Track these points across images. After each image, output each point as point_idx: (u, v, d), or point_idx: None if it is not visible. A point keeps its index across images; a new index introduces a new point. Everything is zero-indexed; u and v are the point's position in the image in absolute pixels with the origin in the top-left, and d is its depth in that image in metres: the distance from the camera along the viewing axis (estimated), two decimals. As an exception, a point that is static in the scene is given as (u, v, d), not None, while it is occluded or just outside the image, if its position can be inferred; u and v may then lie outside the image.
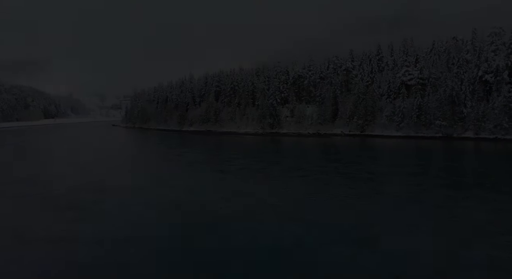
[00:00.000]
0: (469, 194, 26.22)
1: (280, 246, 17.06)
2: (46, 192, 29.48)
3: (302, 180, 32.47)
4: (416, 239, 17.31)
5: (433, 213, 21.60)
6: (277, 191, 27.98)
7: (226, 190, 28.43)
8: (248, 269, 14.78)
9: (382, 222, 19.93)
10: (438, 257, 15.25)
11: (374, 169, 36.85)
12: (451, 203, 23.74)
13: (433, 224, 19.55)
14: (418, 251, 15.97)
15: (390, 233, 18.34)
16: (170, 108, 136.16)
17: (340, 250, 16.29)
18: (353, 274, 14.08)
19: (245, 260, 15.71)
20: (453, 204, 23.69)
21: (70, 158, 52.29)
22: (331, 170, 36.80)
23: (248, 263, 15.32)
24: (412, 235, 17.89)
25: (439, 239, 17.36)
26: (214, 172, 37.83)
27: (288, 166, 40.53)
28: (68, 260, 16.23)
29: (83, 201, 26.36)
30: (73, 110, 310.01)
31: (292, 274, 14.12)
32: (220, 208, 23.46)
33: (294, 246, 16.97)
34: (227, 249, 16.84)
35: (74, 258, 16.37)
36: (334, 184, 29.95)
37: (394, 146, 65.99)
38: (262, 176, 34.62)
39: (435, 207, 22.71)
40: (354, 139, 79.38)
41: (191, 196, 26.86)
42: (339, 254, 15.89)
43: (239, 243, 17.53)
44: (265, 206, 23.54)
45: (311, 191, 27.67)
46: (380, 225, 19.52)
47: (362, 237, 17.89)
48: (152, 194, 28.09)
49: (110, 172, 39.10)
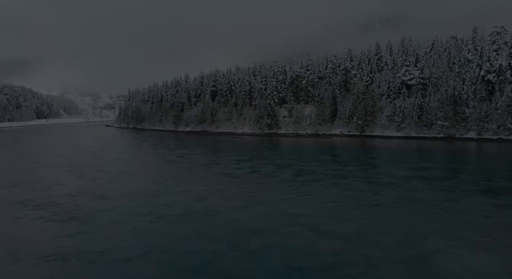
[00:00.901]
0: (511, 200, 23.95)
1: (319, 267, 14.50)
2: (43, 200, 26.62)
3: (321, 185, 29.86)
4: (477, 257, 14.88)
5: (484, 224, 19.16)
6: (298, 198, 25.36)
7: (241, 197, 25.73)
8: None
9: (431, 236, 17.41)
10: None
11: (394, 173, 34.09)
12: (497, 212, 21.31)
13: (490, 239, 17.07)
14: (484, 272, 13.51)
15: (445, 250, 15.85)
16: (165, 109, 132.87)
17: (394, 272, 13.77)
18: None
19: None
20: (500, 212, 21.28)
21: (66, 161, 49.15)
22: (347, 174, 34.25)
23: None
24: (471, 251, 15.47)
25: (503, 257, 14.93)
26: (222, 175, 35.08)
27: (299, 169, 37.90)
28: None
29: (84, 210, 23.60)
30: (66, 111, 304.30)
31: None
32: (240, 219, 20.82)
33: (335, 267, 14.42)
34: (259, 271, 14.23)
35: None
36: (358, 190, 27.32)
37: (398, 146, 63.85)
38: (276, 181, 31.94)
39: (483, 217, 20.28)
40: (354, 140, 77.12)
41: (205, 204, 24.17)
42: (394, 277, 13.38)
43: (272, 263, 14.99)
44: (291, 218, 20.89)
45: (336, 198, 25.01)
46: (431, 239, 17.02)
47: (414, 255, 15.39)
48: (161, 202, 25.35)
49: (111, 176, 36.21)
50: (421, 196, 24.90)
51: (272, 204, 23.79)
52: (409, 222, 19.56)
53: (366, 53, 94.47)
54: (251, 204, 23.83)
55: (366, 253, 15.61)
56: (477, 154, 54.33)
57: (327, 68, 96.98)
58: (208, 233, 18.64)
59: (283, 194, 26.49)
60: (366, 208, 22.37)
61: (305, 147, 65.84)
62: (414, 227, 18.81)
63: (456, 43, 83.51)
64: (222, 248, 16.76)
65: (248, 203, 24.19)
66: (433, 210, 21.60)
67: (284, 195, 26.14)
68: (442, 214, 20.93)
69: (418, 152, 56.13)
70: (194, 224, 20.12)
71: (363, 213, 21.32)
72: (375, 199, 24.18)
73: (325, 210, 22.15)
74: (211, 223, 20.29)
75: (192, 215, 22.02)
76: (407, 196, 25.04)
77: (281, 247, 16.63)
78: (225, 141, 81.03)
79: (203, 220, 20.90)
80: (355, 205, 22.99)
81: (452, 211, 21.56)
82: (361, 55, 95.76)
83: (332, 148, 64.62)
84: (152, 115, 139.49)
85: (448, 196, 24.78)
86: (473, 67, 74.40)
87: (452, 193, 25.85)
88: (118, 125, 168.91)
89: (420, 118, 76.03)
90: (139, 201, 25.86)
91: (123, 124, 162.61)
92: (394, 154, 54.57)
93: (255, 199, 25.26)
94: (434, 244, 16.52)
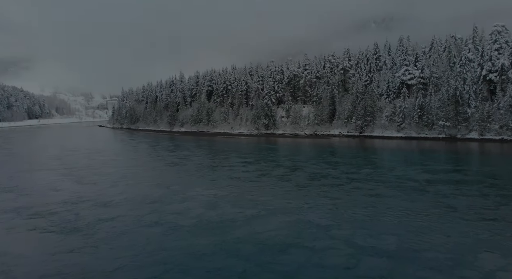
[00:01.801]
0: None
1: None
2: (39, 207, 23.94)
3: (341, 190, 27.48)
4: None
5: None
6: (321, 205, 22.94)
7: (257, 205, 23.30)
8: None
9: (484, 250, 15.23)
10: None
11: (413, 176, 31.65)
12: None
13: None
14: None
15: (507, 267, 13.63)
16: (159, 109, 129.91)
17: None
18: None
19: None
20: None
21: (61, 163, 46.27)
22: (365, 177, 31.91)
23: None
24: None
25: None
26: (231, 179, 32.59)
27: (311, 172, 35.48)
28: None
29: (85, 220, 21.03)
30: (58, 111, 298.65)
31: None
32: (262, 231, 18.41)
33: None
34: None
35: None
36: (384, 196, 24.94)
37: (402, 147, 61.92)
38: (290, 186, 29.51)
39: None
40: (354, 140, 75.10)
41: (219, 213, 21.70)
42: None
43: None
44: (319, 229, 18.55)
45: (363, 205, 22.58)
46: (485, 255, 14.85)
47: (475, 276, 13.12)
48: (170, 210, 22.85)
49: (111, 180, 33.49)
50: (454, 202, 22.68)
51: (293, 212, 21.41)
52: (453, 233, 17.31)
53: (364, 52, 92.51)
54: (271, 213, 21.44)
55: (420, 275, 13.33)
56: (487, 154, 52.22)
57: (325, 68, 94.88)
58: (231, 249, 16.22)
59: (303, 201, 24.12)
60: (400, 217, 20.07)
61: (307, 148, 63.59)
62: (461, 239, 16.58)
63: (455, 43, 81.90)
64: (251, 268, 14.37)
65: (267, 211, 21.78)
66: (474, 219, 19.41)
67: (304, 202, 23.77)
68: (485, 223, 18.76)
69: (424, 152, 54.07)
70: (213, 237, 17.68)
71: (399, 223, 19.01)
72: (407, 207, 21.87)
73: (354, 220, 19.82)
74: (231, 235, 17.87)
75: (208, 225, 19.56)
76: (439, 202, 22.77)
77: (317, 267, 14.29)
78: (223, 142, 78.50)
79: (221, 232, 18.46)
80: (387, 214, 20.67)
81: (496, 219, 19.38)
82: (359, 55, 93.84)
83: (334, 148, 62.42)
84: (147, 116, 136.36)
85: (484, 202, 22.53)
86: (474, 67, 72.84)
87: (486, 198, 23.57)
88: (111, 125, 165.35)
89: (420, 118, 74.23)
90: (145, 208, 23.33)
91: (116, 124, 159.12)
92: (401, 154, 52.52)
93: (273, 206, 22.84)
94: (492, 261, 14.33)
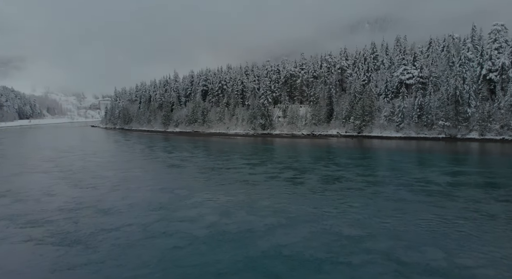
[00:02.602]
0: None
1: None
2: (35, 215, 21.57)
3: (360, 195, 25.34)
4: None
5: None
6: (345, 213, 20.89)
7: (276, 212, 21.19)
8: None
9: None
10: None
11: (434, 178, 29.67)
12: None
13: None
14: None
15: None
16: (153, 109, 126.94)
17: None
18: None
19: None
20: None
21: (55, 165, 43.67)
22: (382, 180, 29.98)
23: None
24: None
25: None
26: (240, 182, 30.43)
27: (322, 174, 33.36)
28: None
29: (87, 230, 18.78)
30: (49, 111, 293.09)
31: None
32: (288, 244, 16.32)
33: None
34: None
35: None
36: (407, 201, 22.96)
37: (404, 147, 60.28)
38: (303, 190, 27.39)
39: None
40: (352, 140, 73.35)
41: (235, 221, 19.52)
42: None
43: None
44: (351, 242, 16.46)
45: (391, 213, 20.50)
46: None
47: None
48: (179, 217, 20.65)
49: (111, 184, 31.05)
50: (488, 208, 20.79)
51: (316, 220, 19.36)
52: (505, 246, 15.42)
53: (361, 52, 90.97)
54: (292, 221, 19.35)
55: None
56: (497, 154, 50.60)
57: (321, 67, 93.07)
58: (258, 266, 14.12)
59: (323, 207, 22.04)
60: (435, 225, 18.12)
61: (308, 148, 61.60)
62: None
63: (453, 42, 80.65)
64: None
65: (287, 219, 19.69)
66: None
67: (324, 208, 21.70)
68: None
69: (430, 153, 52.37)
70: (233, 251, 15.57)
71: (437, 233, 17.07)
72: (437, 213, 19.94)
73: (386, 229, 17.82)
74: (254, 249, 15.76)
75: (225, 236, 17.42)
76: (472, 209, 20.84)
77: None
78: (220, 142, 76.24)
79: (241, 244, 16.35)
80: (419, 222, 18.70)
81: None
82: (356, 54, 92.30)
83: (336, 149, 60.50)
84: (140, 116, 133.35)
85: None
86: (473, 66, 71.61)
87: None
88: (104, 125, 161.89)
89: (420, 118, 72.84)
90: (152, 216, 21.10)
91: (109, 125, 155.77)
92: (407, 155, 50.61)
93: (293, 213, 20.75)
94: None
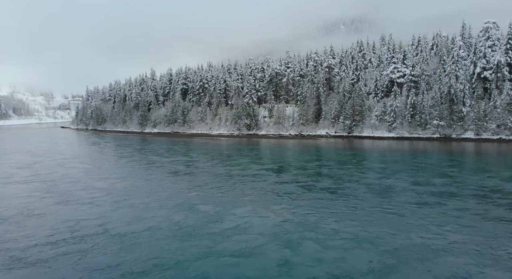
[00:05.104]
0: None
1: None
2: (18, 245, 15.25)
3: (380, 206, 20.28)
4: None
5: None
6: (370, 223, 16.67)
7: (284, 225, 16.77)
8: None
9: None
10: None
11: (440, 182, 25.83)
12: None
13: None
14: None
15: None
16: (129, 108, 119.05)
17: None
18: None
19: None
20: None
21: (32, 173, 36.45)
22: (395, 186, 25.20)
23: None
24: None
25: None
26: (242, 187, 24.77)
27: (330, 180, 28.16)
28: None
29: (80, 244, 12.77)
30: (16, 112, 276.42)
31: None
32: (310, 270, 11.12)
33: None
34: None
35: None
36: (431, 206, 18.58)
37: (398, 147, 56.21)
38: (312, 199, 22.25)
39: None
40: (343, 141, 69.00)
41: (244, 238, 14.36)
42: None
43: None
44: (388, 255, 11.49)
45: (416, 220, 16.75)
46: None
47: None
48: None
49: (110, 200, 23.81)
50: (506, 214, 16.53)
51: (350, 233, 14.62)
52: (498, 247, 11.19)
53: (349, 50, 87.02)
54: (321, 234, 14.27)
55: None
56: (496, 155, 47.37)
57: (308, 65, 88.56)
58: None
59: (346, 218, 16.87)
60: (472, 237, 13.57)
61: (299, 149, 56.37)
62: None
63: (442, 40, 77.84)
64: None
65: (313, 231, 14.65)
66: None
67: (348, 219, 16.57)
68: None
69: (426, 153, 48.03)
70: None
71: (475, 248, 12.50)
72: (467, 219, 15.32)
73: (366, 240, 12.95)
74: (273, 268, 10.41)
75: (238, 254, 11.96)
76: (464, 215, 16.41)
77: None
78: (204, 143, 70.15)
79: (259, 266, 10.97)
80: (457, 232, 13.99)
81: None
82: (342, 53, 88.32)
83: (327, 149, 55.58)
84: (115, 116, 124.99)
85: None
86: (466, 64, 68.80)
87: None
88: (75, 126, 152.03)
89: (413, 117, 69.38)
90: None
91: (81, 125, 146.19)
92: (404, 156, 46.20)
93: (320, 225, 15.65)
94: None
